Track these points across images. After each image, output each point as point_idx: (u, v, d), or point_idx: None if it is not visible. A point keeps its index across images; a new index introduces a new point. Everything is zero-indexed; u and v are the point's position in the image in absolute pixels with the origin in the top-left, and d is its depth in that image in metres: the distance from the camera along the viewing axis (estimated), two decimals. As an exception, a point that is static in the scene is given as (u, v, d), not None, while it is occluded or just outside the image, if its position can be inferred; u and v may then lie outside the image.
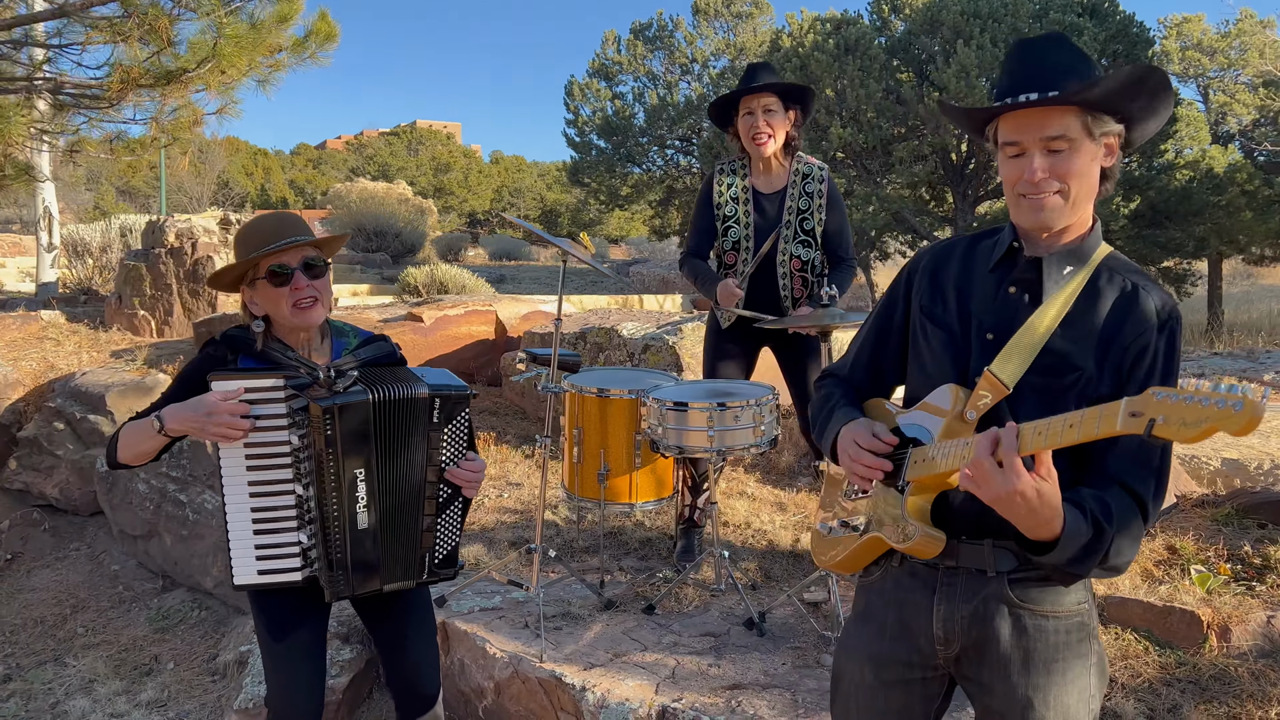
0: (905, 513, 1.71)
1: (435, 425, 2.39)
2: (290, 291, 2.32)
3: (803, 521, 4.49)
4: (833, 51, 15.71)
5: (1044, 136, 1.61)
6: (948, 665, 1.79)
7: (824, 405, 1.96)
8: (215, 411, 2.22)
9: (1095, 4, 16.20)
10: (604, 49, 31.35)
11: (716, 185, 3.90)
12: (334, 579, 2.37)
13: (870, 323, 1.99)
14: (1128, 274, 1.70)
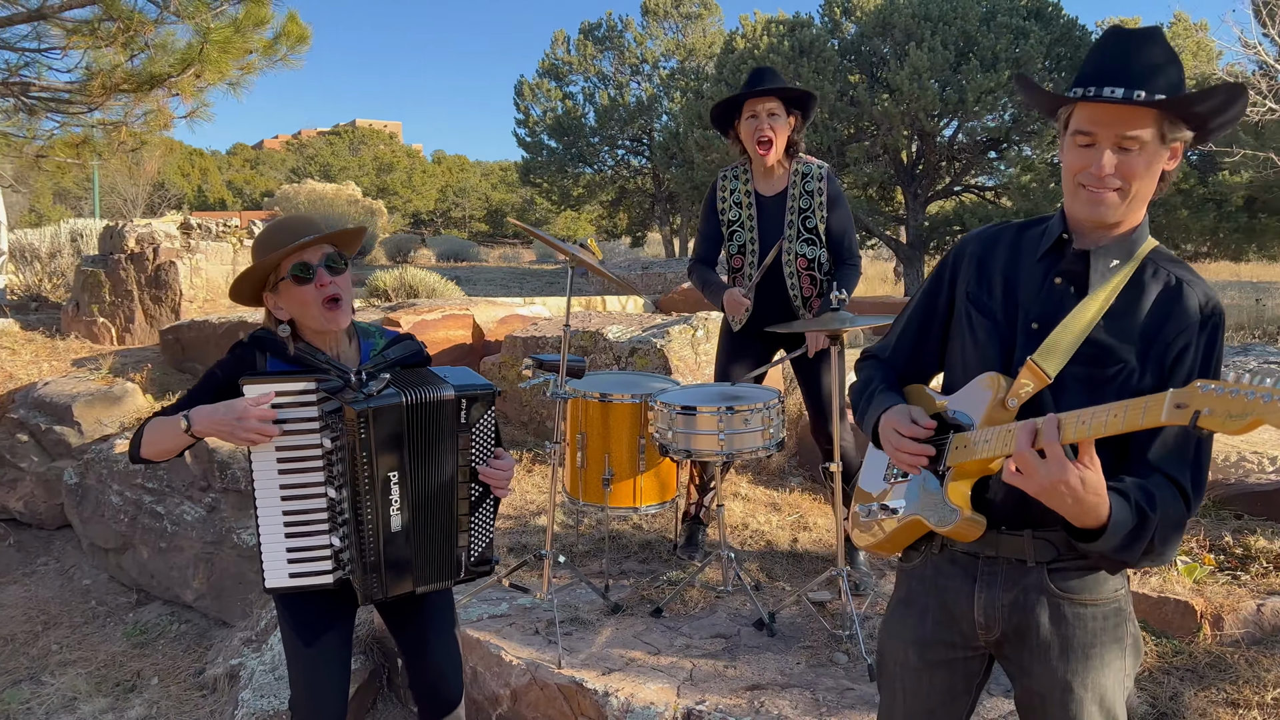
0: (946, 497, 1.75)
1: (464, 425, 2.39)
2: (315, 289, 2.31)
3: (799, 521, 4.55)
4: (788, 53, 15.87)
5: (1120, 134, 1.61)
6: (989, 647, 1.84)
7: (864, 389, 1.98)
8: (245, 416, 2.21)
9: (1040, 8, 16.59)
10: (554, 49, 31.28)
11: (720, 191, 3.93)
12: (368, 581, 2.36)
13: (914, 306, 2.00)
14: (1172, 268, 1.72)
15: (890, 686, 1.96)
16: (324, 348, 2.42)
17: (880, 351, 2.06)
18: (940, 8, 15.33)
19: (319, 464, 2.35)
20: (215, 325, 6.84)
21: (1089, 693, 1.74)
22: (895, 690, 1.94)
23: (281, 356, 2.38)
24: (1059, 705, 1.75)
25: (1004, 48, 15.23)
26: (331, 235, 2.39)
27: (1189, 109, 1.60)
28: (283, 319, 2.38)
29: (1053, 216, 1.82)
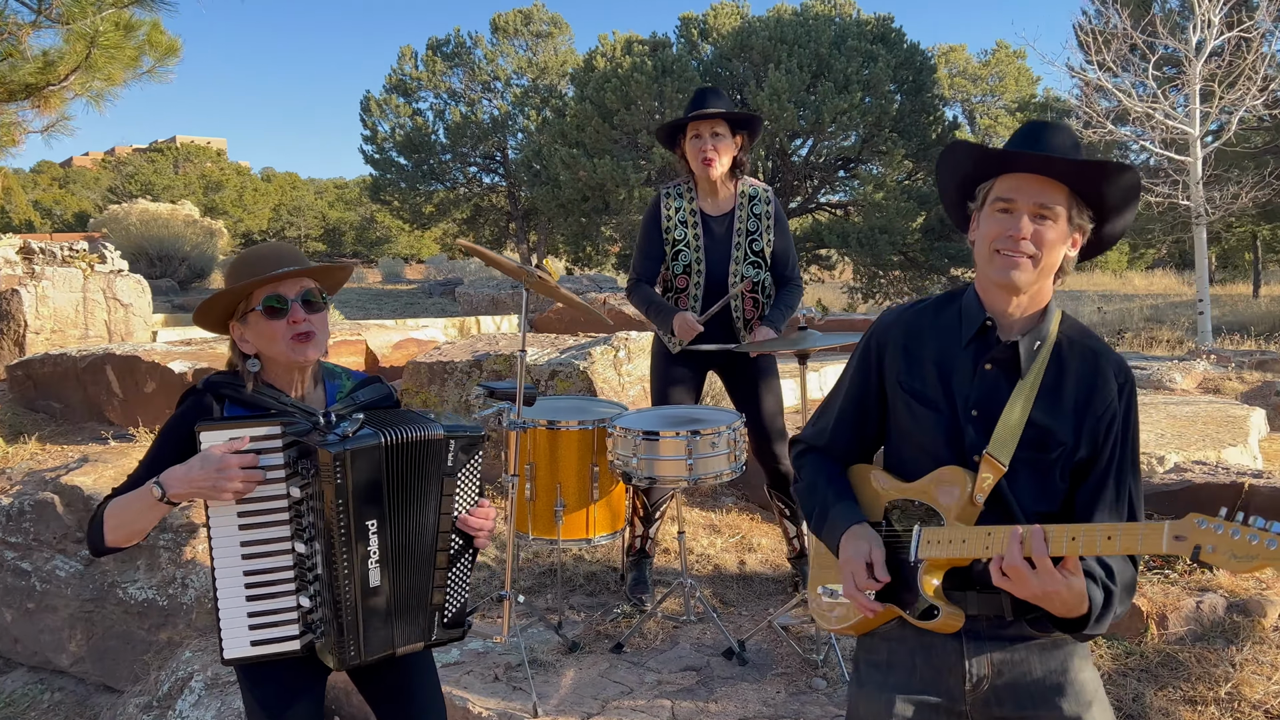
0: (924, 594, 1.78)
1: (449, 470, 2.19)
2: (286, 325, 2.10)
3: (741, 542, 4.48)
4: (652, 73, 16.00)
5: (1037, 202, 1.73)
6: (971, 707, 1.84)
7: (812, 494, 2.01)
8: (226, 466, 1.97)
9: (884, 33, 17.36)
10: (401, 64, 30.52)
11: (664, 209, 3.83)
12: (343, 645, 2.12)
13: (844, 394, 2.03)
14: (1083, 339, 1.85)
15: None
16: (288, 389, 2.20)
17: (815, 440, 2.08)
18: (795, 31, 15.81)
19: (284, 516, 2.11)
20: (75, 359, 6.22)
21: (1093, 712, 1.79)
22: None
23: (240, 401, 2.15)
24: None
25: (855, 70, 15.85)
26: (315, 270, 2.18)
27: (1096, 176, 1.73)
28: (249, 352, 2.15)
29: (963, 295, 1.92)
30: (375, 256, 50.89)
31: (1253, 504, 4.35)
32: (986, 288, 1.84)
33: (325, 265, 2.23)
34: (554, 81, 28.87)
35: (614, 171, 15.82)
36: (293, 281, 2.12)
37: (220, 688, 3.79)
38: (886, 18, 17.44)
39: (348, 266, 2.38)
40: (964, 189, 1.88)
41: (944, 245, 18.57)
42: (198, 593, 4.54)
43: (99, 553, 2.12)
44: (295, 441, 2.07)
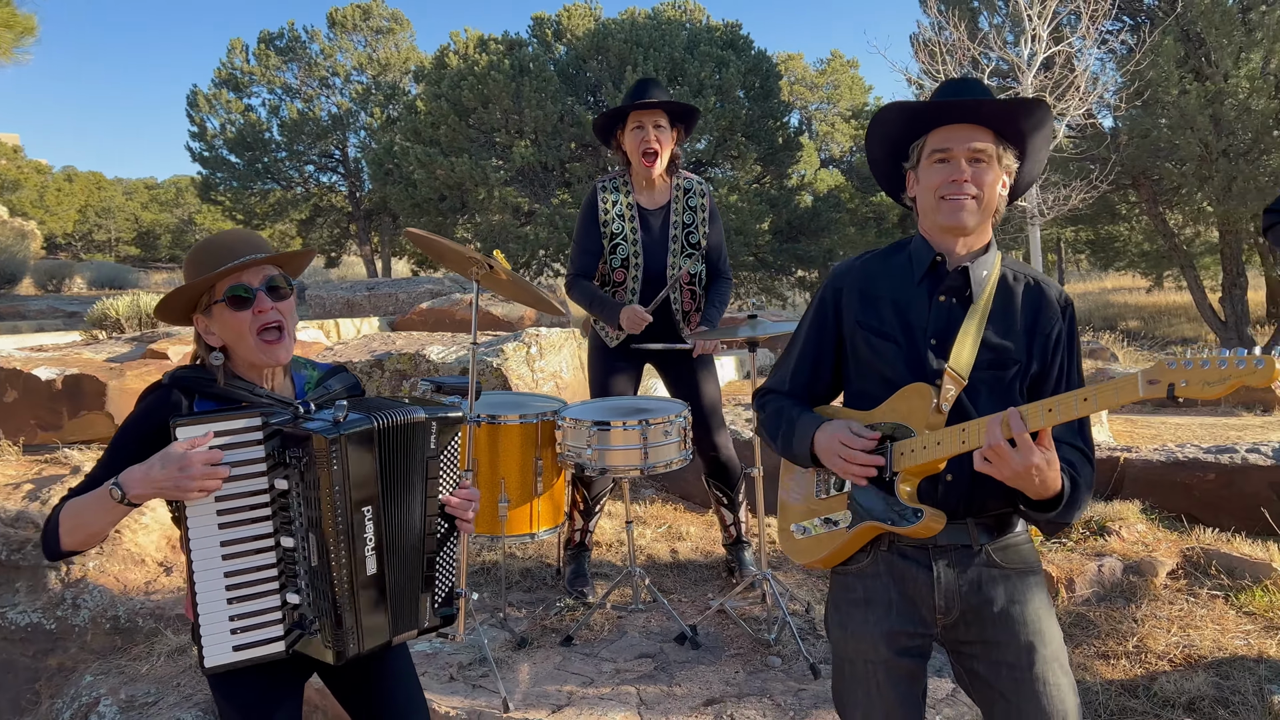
0: (902, 501, 1.93)
1: (433, 452, 2.17)
2: (253, 315, 2.04)
3: (670, 532, 4.54)
4: (509, 72, 15.87)
5: (970, 147, 1.92)
6: (941, 632, 2.01)
7: (778, 417, 2.15)
8: (189, 464, 1.88)
9: (733, 39, 17.87)
10: (230, 58, 28.98)
11: (601, 203, 3.84)
12: (341, 637, 2.05)
13: (802, 341, 2.18)
14: (1024, 271, 2.05)
15: (860, 684, 2.02)
16: (258, 382, 2.13)
17: (777, 386, 2.21)
18: (650, 34, 16.04)
19: (267, 511, 2.04)
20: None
21: (1048, 650, 1.95)
22: (870, 686, 2.00)
23: (211, 395, 2.06)
24: (1027, 667, 1.92)
25: (708, 75, 16.24)
26: (277, 256, 2.13)
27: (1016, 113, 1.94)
28: (214, 345, 2.08)
29: (911, 242, 2.10)
30: (196, 261, 48.21)
31: (1127, 475, 4.77)
32: (933, 234, 2.01)
33: (289, 252, 2.17)
34: (396, 79, 28.18)
35: (473, 170, 15.62)
36: (256, 269, 2.06)
37: (138, 709, 3.56)
38: (735, 24, 17.96)
39: (310, 251, 2.33)
40: (897, 152, 2.06)
41: (792, 246, 19.28)
42: (92, 613, 4.22)
43: (54, 556, 2.00)
44: (277, 431, 2.00)
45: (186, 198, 51.18)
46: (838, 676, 2.09)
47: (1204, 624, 3.66)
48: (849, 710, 2.05)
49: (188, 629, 4.04)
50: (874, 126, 2.07)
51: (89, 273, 29.46)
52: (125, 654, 4.02)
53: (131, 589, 4.30)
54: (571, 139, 16.27)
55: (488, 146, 16.47)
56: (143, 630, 4.13)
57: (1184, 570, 4.04)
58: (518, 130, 16.15)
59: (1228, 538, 4.24)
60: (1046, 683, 1.89)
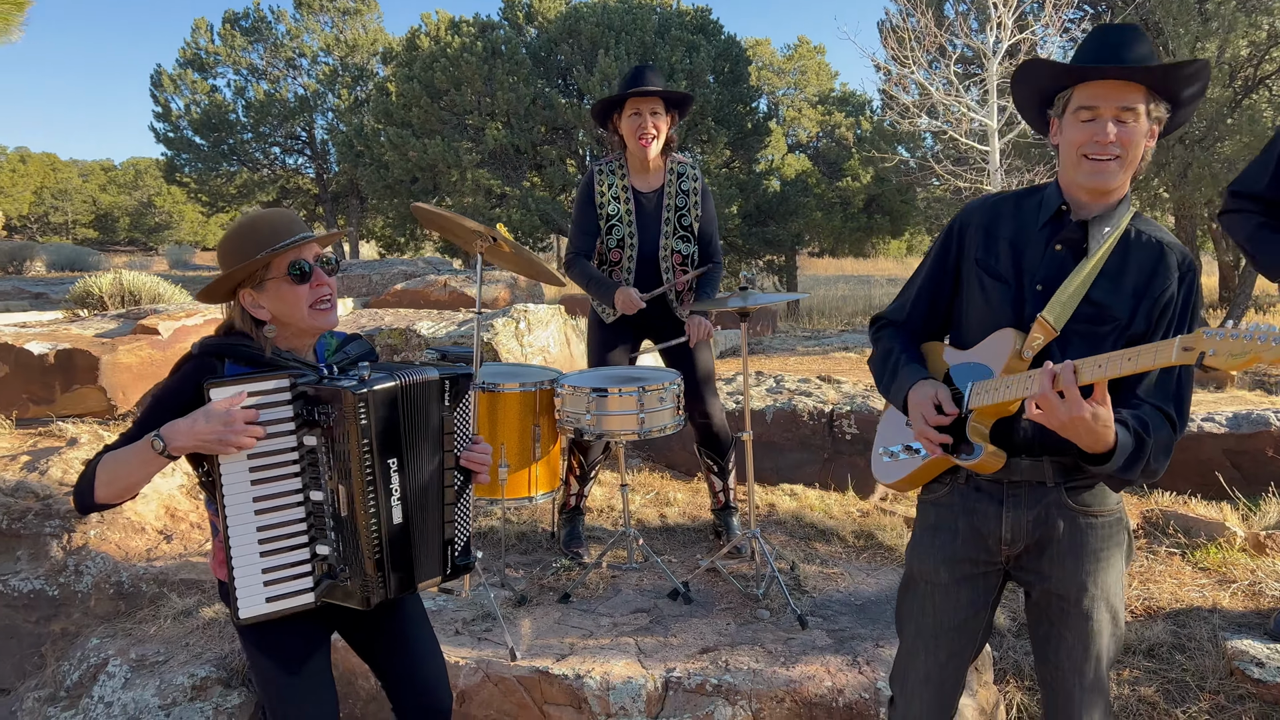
0: (970, 438, 2.04)
1: (447, 409, 2.33)
2: (310, 289, 2.18)
3: (658, 498, 4.72)
4: (481, 54, 15.89)
5: (1119, 105, 1.91)
6: (1006, 562, 2.15)
7: (886, 359, 2.24)
8: (233, 419, 2.01)
9: (704, 24, 18.00)
10: (195, 38, 28.62)
11: (597, 185, 3.98)
12: (368, 584, 2.20)
13: (925, 272, 2.25)
14: (1153, 231, 2.05)
15: (921, 602, 2.20)
16: (295, 351, 2.27)
17: (895, 315, 2.31)
18: (621, 18, 16.12)
19: (296, 468, 2.18)
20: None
21: (1099, 590, 2.09)
22: (926, 605, 2.19)
23: (242, 360, 2.20)
24: (1075, 602, 2.07)
25: (679, 59, 16.36)
26: (325, 238, 2.28)
27: (1174, 77, 1.92)
28: (263, 318, 2.21)
29: (1046, 188, 2.14)
30: (155, 244, 47.60)
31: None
32: (1071, 187, 2.02)
33: (329, 234, 2.31)
34: (364, 60, 27.99)
35: (445, 153, 15.64)
36: (308, 248, 2.21)
37: (149, 668, 3.67)
38: (705, 9, 18.09)
39: (338, 233, 2.48)
40: (1043, 98, 2.06)
41: (760, 230, 19.50)
42: (95, 579, 4.32)
43: (86, 509, 2.12)
44: (305, 392, 2.14)
45: (146, 180, 50.40)
46: (902, 593, 2.24)
47: (1163, 578, 3.90)
48: (903, 623, 2.23)
49: (193, 592, 4.16)
50: (1020, 74, 2.05)
51: (48, 255, 29.03)
52: (130, 618, 4.13)
53: (133, 555, 4.40)
54: (543, 122, 16.34)
55: (460, 129, 16.49)
56: (146, 595, 4.23)
57: (1144, 530, 4.29)
58: (490, 113, 16.19)
59: (1184, 500, 4.50)
60: (1089, 619, 2.04)
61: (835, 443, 4.79)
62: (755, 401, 5.12)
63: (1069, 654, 2.07)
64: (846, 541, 4.25)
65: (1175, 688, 3.27)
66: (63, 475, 4.68)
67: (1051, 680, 2.12)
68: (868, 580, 3.86)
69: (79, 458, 4.81)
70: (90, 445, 4.95)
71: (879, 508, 4.62)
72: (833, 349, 10.56)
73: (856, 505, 4.62)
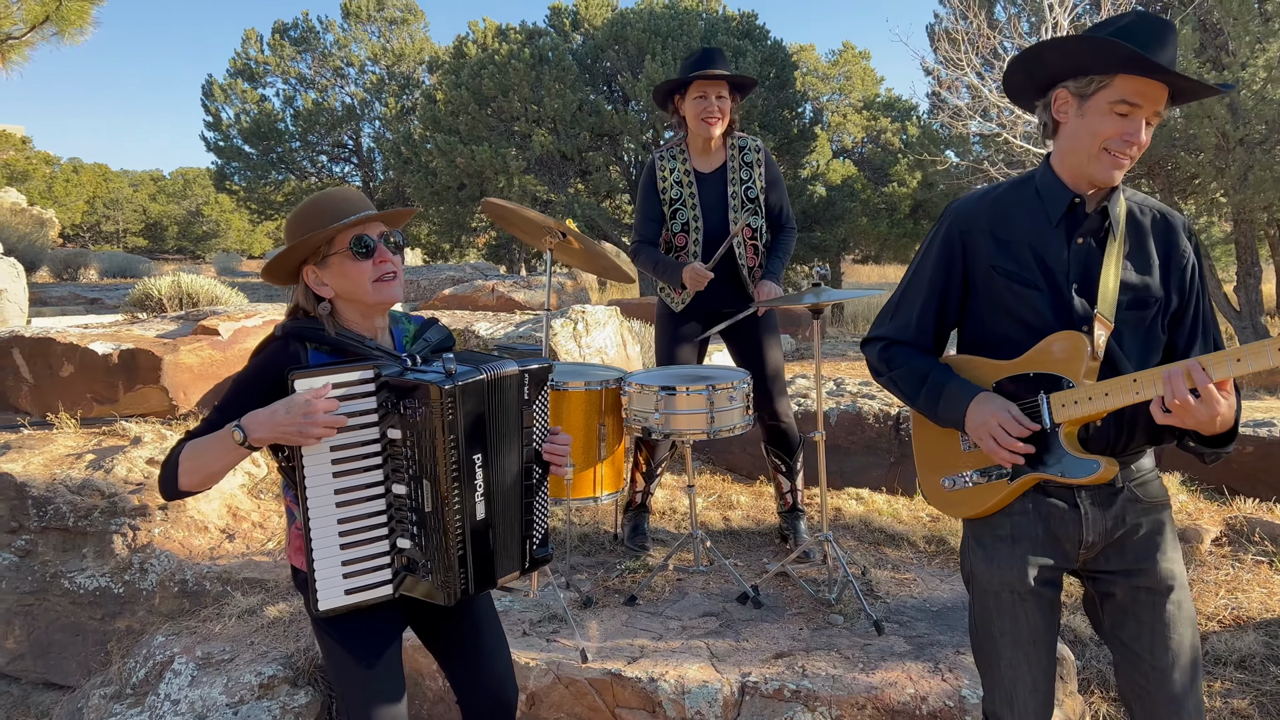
0: (1074, 454, 1.95)
1: (526, 402, 2.27)
2: (373, 266, 2.15)
3: (720, 500, 4.65)
4: (529, 60, 15.96)
5: (1155, 109, 1.87)
6: (1081, 564, 2.08)
7: (915, 376, 2.12)
8: (314, 410, 1.96)
9: (750, 29, 17.92)
10: (245, 48, 29.10)
11: (659, 172, 3.94)
12: (451, 580, 2.15)
13: (926, 285, 2.13)
14: (1147, 204, 2.04)
15: (1008, 614, 2.09)
16: (364, 334, 2.23)
17: (900, 334, 2.18)
18: (668, 24, 16.11)
19: (378, 460, 2.13)
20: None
21: (1180, 571, 2.05)
22: (1018, 615, 2.07)
23: (323, 346, 2.16)
24: (1165, 592, 2.01)
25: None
26: (387, 215, 2.23)
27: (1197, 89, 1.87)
28: (325, 295, 2.18)
29: (1035, 178, 2.06)
30: (202, 252, 48.43)
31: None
32: (1077, 176, 1.96)
33: (395, 210, 2.27)
34: (410, 69, 28.26)
35: (493, 159, 15.71)
36: (373, 225, 2.17)
37: (216, 666, 3.67)
38: (751, 14, 18.02)
39: (411, 210, 2.42)
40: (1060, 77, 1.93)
41: (806, 236, 19.37)
42: (159, 577, 4.34)
43: (171, 496, 2.10)
44: (388, 383, 2.09)
45: (194, 189, 51.36)
46: (979, 610, 2.13)
47: (1250, 587, 3.76)
48: (995, 640, 2.10)
49: (257, 591, 4.16)
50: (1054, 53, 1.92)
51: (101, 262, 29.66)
52: (194, 616, 4.13)
53: (197, 554, 4.41)
54: (588, 128, 16.35)
55: (507, 135, 16.56)
56: (210, 593, 4.24)
57: (1228, 537, 4.14)
58: (536, 119, 16.24)
59: (1269, 507, 4.34)
60: (1181, 606, 2.00)
61: (902, 446, 4.68)
62: (815, 403, 5.03)
63: (1166, 648, 1.99)
64: (917, 547, 4.14)
65: (1270, 700, 3.13)
66: (127, 474, 4.71)
67: (1148, 681, 2.01)
68: (942, 586, 3.75)
69: (143, 456, 4.84)
70: (154, 444, 4.99)
71: (949, 512, 4.51)
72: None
73: (925, 510, 4.51)
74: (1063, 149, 1.97)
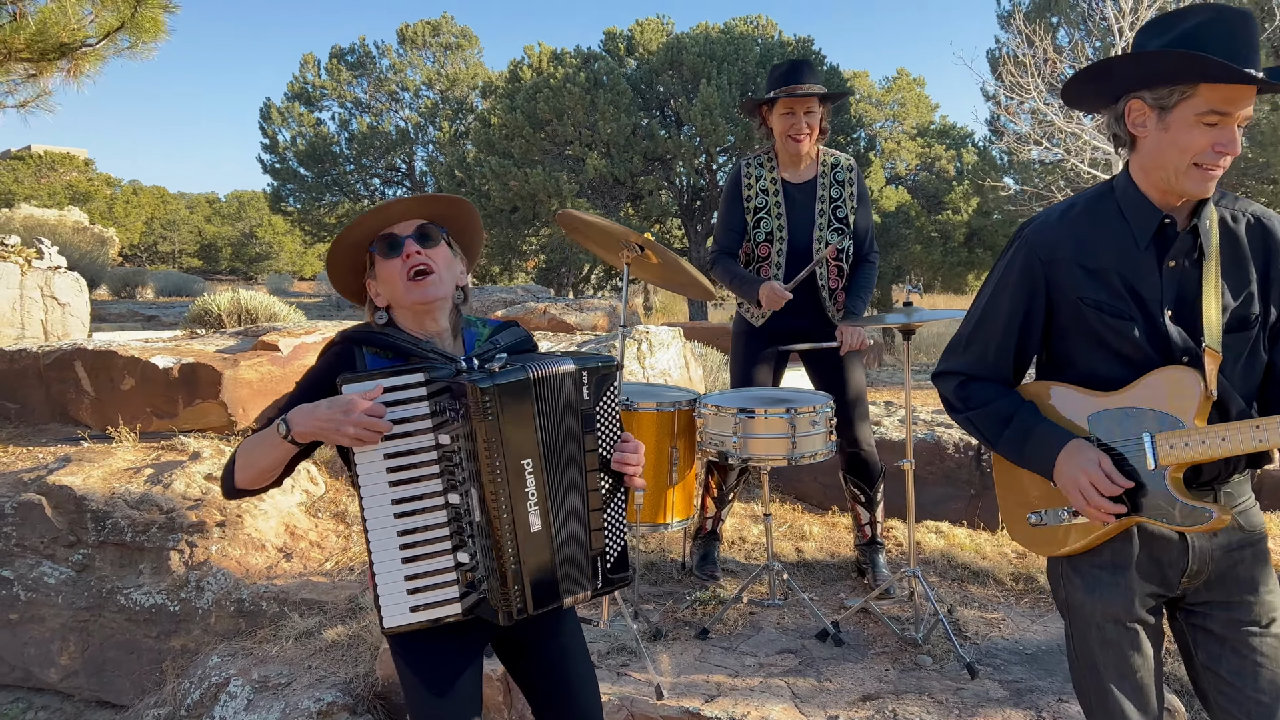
0: (1186, 500, 1.78)
1: (587, 404, 2.10)
2: (402, 262, 2.02)
3: (792, 530, 4.46)
4: (584, 84, 15.99)
5: (1245, 114, 1.69)
6: (1185, 592, 1.92)
7: (998, 418, 1.96)
8: (353, 408, 1.85)
9: (805, 54, 17.81)
10: (303, 72, 29.62)
11: (744, 179, 3.80)
12: (508, 596, 1.98)
13: (1005, 316, 1.96)
14: (1241, 208, 1.85)
15: (1116, 646, 1.93)
16: (424, 337, 2.10)
17: (976, 369, 2.01)
18: (724, 49, 16.06)
19: (435, 469, 1.99)
20: (37, 355, 5.75)
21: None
22: (1127, 646, 1.92)
23: (381, 351, 2.05)
24: (1266, 626, 1.87)
25: (781, 89, 16.16)
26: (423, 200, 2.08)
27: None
28: (380, 305, 2.09)
29: (1109, 193, 1.88)
30: (255, 273, 49.29)
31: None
32: (1162, 192, 1.79)
33: (438, 195, 2.12)
34: (464, 94, 28.54)
35: (546, 182, 15.72)
36: (407, 223, 2.07)
37: (272, 690, 3.55)
38: (807, 40, 17.94)
39: (462, 200, 2.23)
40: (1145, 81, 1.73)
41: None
42: (216, 595, 4.24)
43: (231, 494, 2.03)
44: (440, 387, 1.96)
45: (248, 211, 52.41)
46: (1081, 644, 1.97)
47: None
48: (1101, 674, 1.94)
49: (314, 613, 4.04)
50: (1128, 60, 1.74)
51: (157, 282, 30.26)
52: (250, 636, 4.03)
53: (254, 573, 4.32)
54: (641, 153, 16.30)
55: (560, 159, 16.58)
56: (267, 614, 4.13)
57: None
58: (590, 143, 16.24)
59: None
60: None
61: (983, 478, 4.46)
62: (892, 432, 4.83)
63: (1273, 682, 1.85)
64: (1004, 584, 3.92)
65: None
66: (185, 489, 4.64)
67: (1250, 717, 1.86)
68: (1033, 627, 3.53)
69: (201, 472, 4.77)
70: (212, 460, 4.92)
71: (1035, 548, 4.28)
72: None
73: (1010, 545, 4.28)
74: (1145, 164, 1.79)
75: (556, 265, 22.03)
